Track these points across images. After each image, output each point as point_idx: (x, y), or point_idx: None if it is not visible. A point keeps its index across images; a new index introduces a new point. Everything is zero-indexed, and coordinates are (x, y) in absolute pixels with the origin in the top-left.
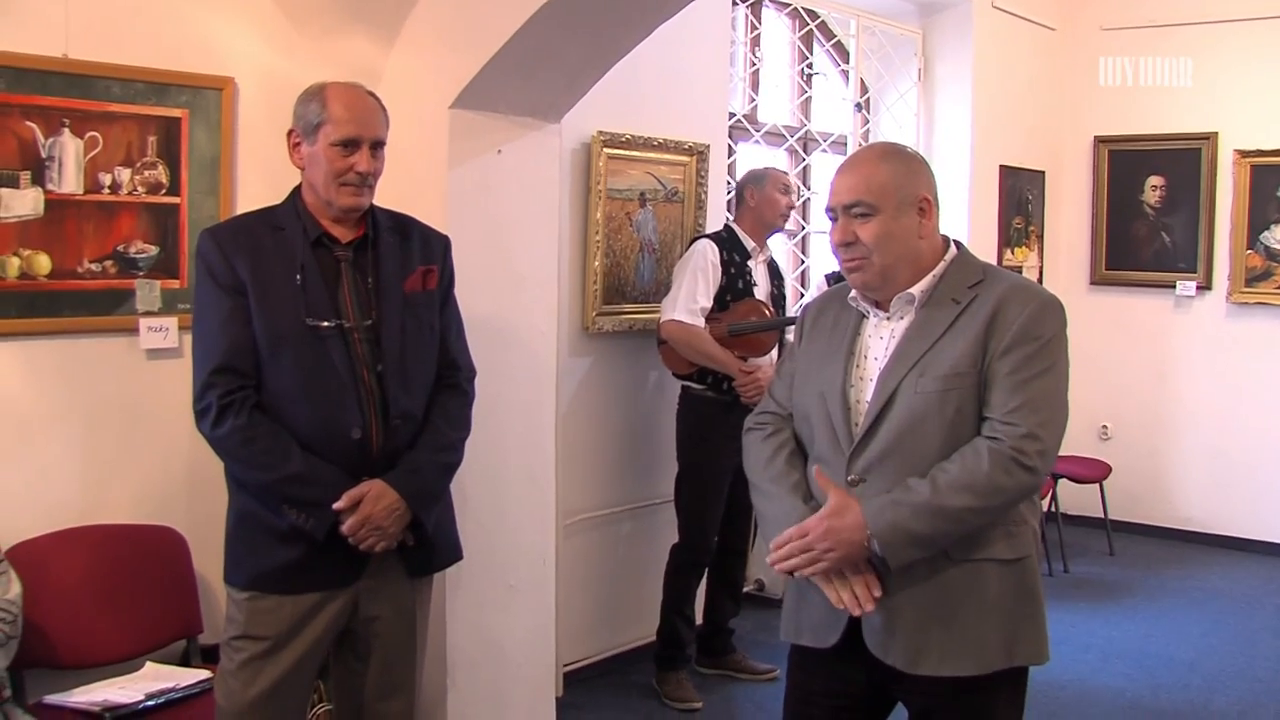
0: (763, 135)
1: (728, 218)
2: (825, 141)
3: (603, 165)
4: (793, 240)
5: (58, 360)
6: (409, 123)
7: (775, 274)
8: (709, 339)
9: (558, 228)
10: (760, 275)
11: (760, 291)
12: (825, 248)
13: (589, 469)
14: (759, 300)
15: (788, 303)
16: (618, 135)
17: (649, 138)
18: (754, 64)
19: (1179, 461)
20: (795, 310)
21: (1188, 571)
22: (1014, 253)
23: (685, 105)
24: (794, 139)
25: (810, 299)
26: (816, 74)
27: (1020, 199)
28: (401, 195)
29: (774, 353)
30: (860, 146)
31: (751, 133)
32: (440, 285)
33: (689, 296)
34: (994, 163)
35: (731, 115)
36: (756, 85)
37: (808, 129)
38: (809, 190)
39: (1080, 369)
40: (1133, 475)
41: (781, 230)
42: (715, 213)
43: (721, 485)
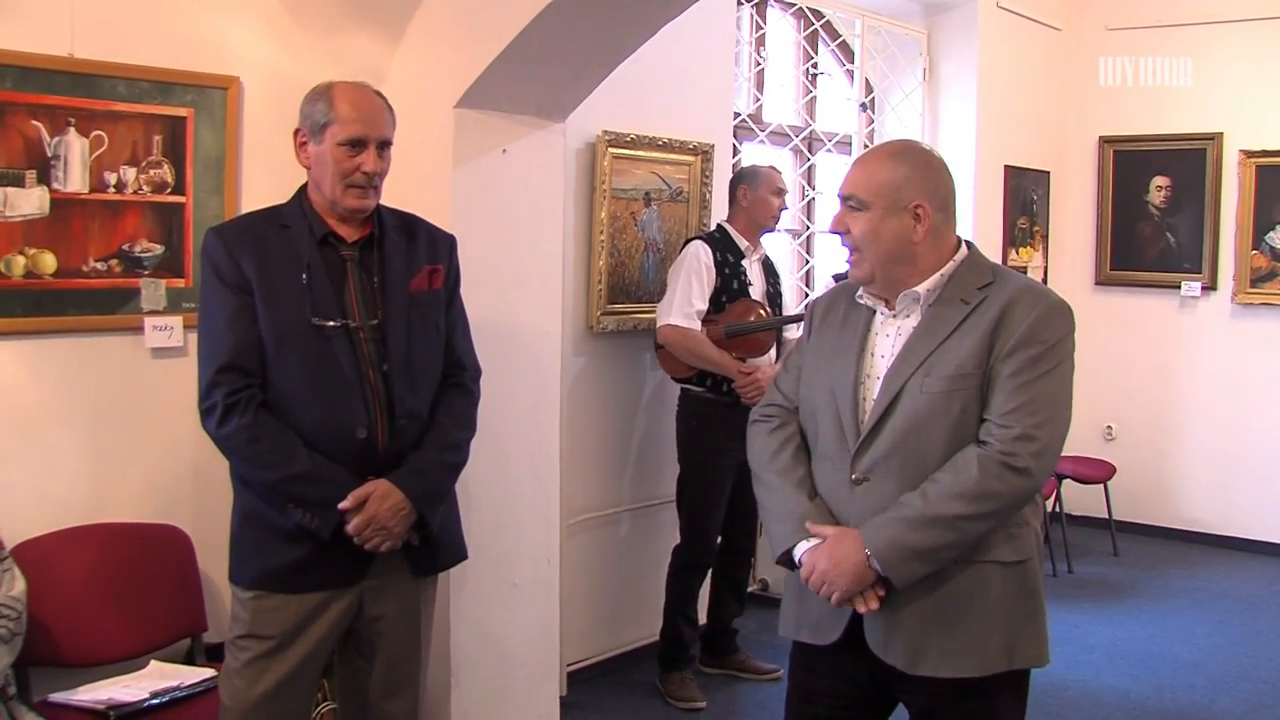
0: (767, 135)
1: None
2: (830, 141)
3: (607, 165)
4: (797, 240)
5: (63, 359)
6: (414, 122)
7: (771, 273)
8: (706, 342)
9: (562, 227)
10: (755, 275)
11: (756, 291)
12: (830, 248)
13: (593, 468)
14: (755, 300)
15: (785, 302)
16: (622, 135)
17: (654, 137)
18: (759, 64)
19: (1184, 462)
20: (794, 309)
21: (1192, 572)
22: (1019, 253)
23: (690, 105)
24: (799, 139)
25: (818, 295)
26: (821, 74)
27: (1025, 199)
28: (406, 195)
29: (772, 352)
30: (866, 147)
31: (756, 132)
32: (446, 284)
33: (684, 300)
34: (999, 163)
35: (736, 115)
36: (761, 85)
37: (812, 129)
38: (814, 190)
39: (1085, 369)
40: (1137, 476)
41: (773, 230)
42: (720, 212)
43: (723, 486)
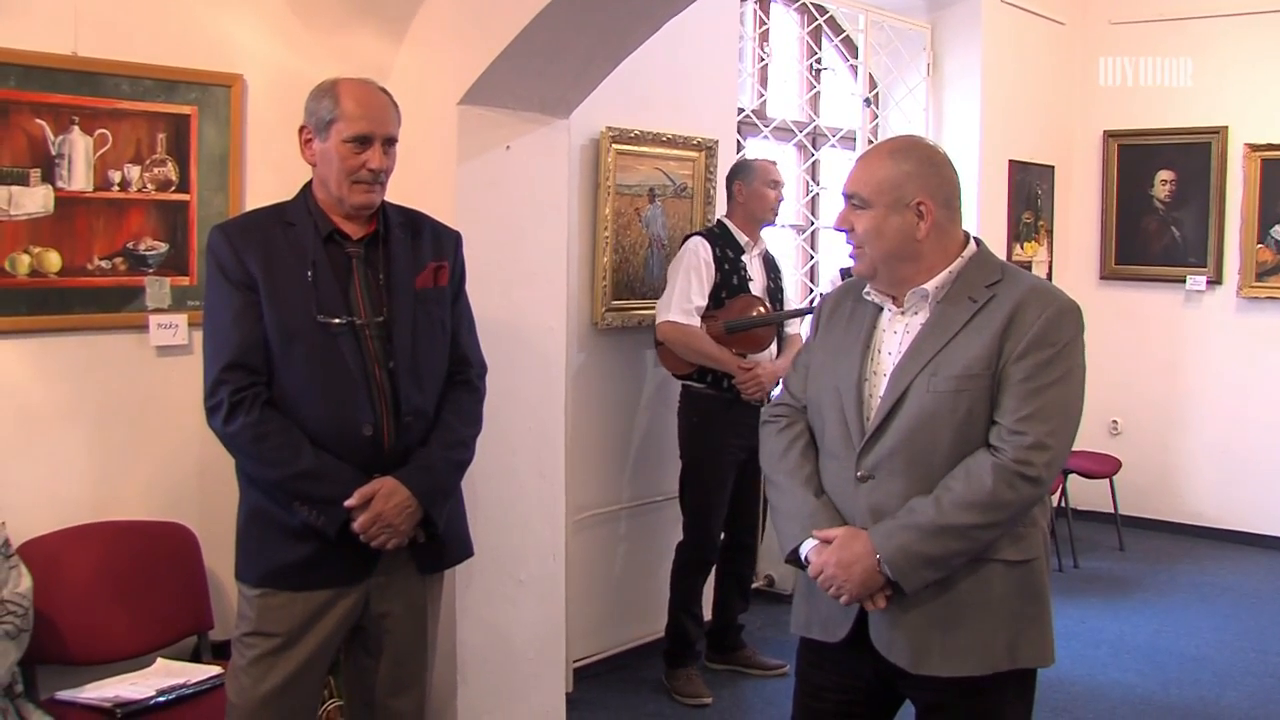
0: (771, 130)
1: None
2: (834, 137)
3: (611, 161)
4: (801, 236)
5: (68, 357)
6: (418, 119)
7: (771, 268)
8: (705, 338)
9: (566, 224)
10: (755, 270)
11: (756, 286)
12: (835, 243)
13: (598, 465)
14: (755, 296)
15: (788, 297)
16: (626, 131)
17: (658, 133)
18: (762, 59)
19: (1189, 456)
20: (795, 304)
21: (1198, 567)
22: (1023, 247)
23: (694, 101)
24: (803, 134)
25: (827, 291)
26: (825, 69)
27: (1030, 194)
28: (410, 191)
29: (773, 348)
30: (870, 142)
31: (760, 128)
32: (451, 281)
33: (683, 296)
34: (1003, 157)
35: (740, 110)
36: (765, 80)
37: (816, 124)
38: (818, 186)
39: (1090, 364)
40: (1143, 470)
41: (772, 224)
42: (724, 208)
43: (725, 482)
